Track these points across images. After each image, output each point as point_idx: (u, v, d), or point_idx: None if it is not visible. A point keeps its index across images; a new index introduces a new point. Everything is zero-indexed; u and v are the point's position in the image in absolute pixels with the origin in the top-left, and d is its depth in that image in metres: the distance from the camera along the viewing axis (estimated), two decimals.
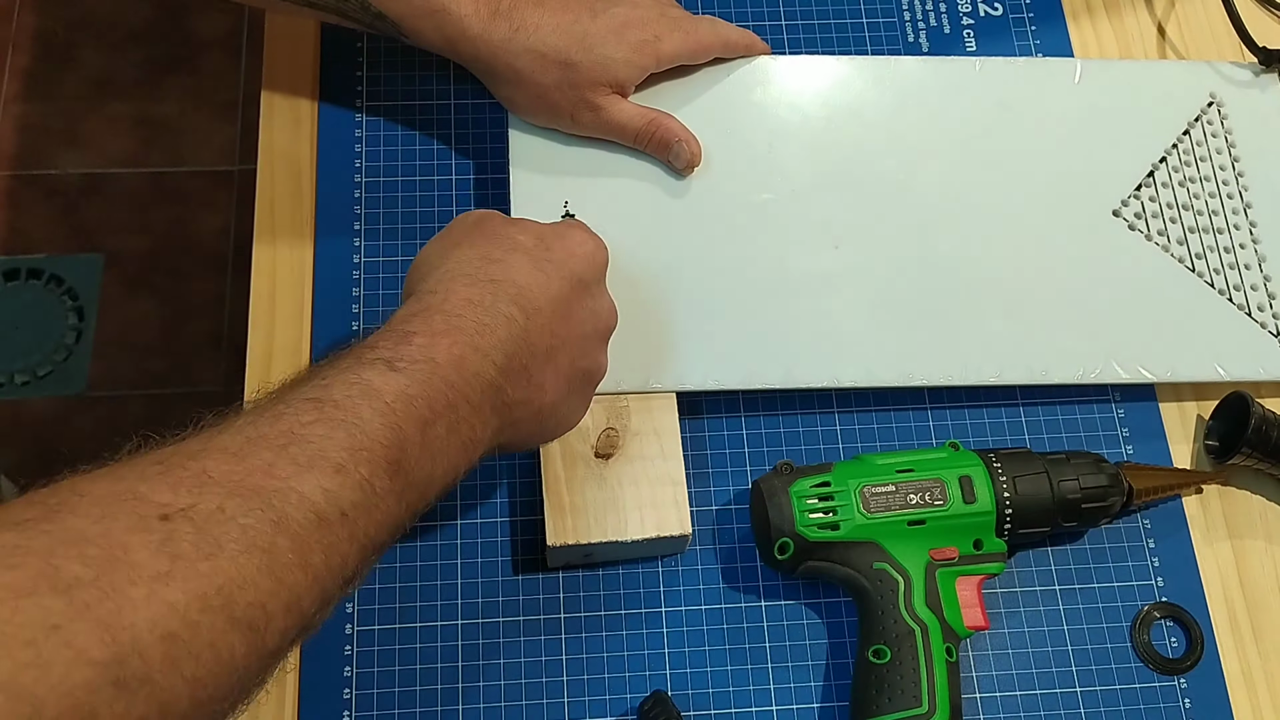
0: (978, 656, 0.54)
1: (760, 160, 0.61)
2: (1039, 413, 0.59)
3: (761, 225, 0.59)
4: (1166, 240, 0.61)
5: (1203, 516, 0.58)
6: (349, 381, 0.38)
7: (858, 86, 0.64)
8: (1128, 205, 0.62)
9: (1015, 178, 0.62)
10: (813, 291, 0.58)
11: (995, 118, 0.64)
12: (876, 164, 0.62)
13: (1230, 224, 0.62)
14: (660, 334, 0.56)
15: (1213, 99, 0.66)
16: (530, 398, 0.44)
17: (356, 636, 0.52)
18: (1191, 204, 0.62)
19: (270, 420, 0.35)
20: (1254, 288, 0.61)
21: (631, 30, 0.57)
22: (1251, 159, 0.64)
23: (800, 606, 0.54)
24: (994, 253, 0.60)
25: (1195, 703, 0.54)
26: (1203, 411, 0.60)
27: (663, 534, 0.52)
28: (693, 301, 0.57)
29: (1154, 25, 0.70)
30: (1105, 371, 0.58)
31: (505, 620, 0.53)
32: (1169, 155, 0.64)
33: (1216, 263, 0.61)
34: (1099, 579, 0.56)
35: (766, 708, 0.52)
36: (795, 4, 0.68)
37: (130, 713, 0.27)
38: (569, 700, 0.52)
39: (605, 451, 0.53)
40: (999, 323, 0.58)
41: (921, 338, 0.58)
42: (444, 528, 0.55)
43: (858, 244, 0.59)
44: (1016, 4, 0.70)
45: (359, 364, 0.39)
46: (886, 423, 0.58)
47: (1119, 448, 0.59)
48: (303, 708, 0.51)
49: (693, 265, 0.58)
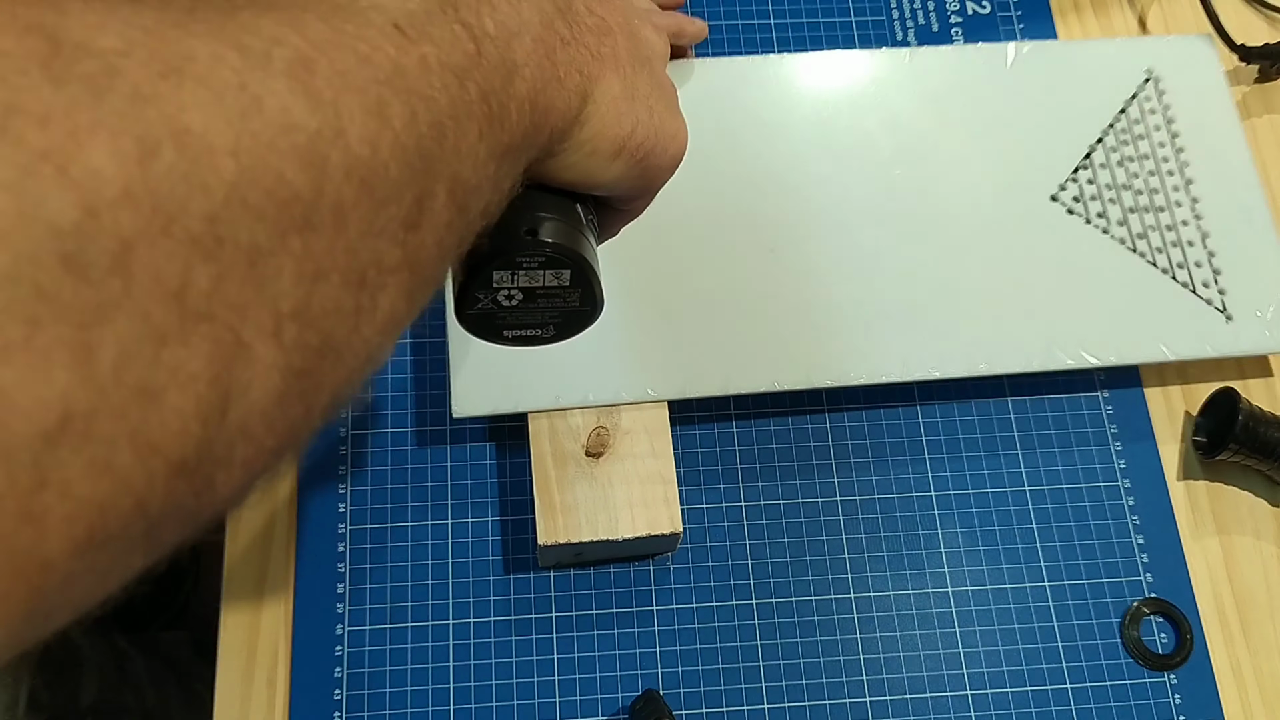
0: (968, 653, 0.54)
1: (689, 165, 0.59)
2: (1026, 407, 0.59)
3: (694, 233, 0.58)
4: (1106, 222, 0.61)
5: (1191, 512, 0.58)
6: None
7: (786, 84, 0.63)
8: (1065, 189, 0.61)
9: (950, 169, 0.61)
10: (749, 298, 0.57)
11: (928, 108, 0.63)
12: (808, 163, 0.61)
13: (1171, 201, 0.61)
14: (596, 347, 0.54)
15: (1149, 75, 0.65)
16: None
17: (347, 637, 0.52)
18: (1131, 183, 0.62)
19: None
20: (1198, 264, 0.60)
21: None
22: (1191, 133, 0.63)
23: (791, 604, 0.54)
24: (930, 246, 0.59)
25: (1185, 698, 0.54)
26: (1190, 404, 0.60)
27: (654, 532, 0.52)
28: (629, 314, 0.56)
29: (1140, 22, 0.71)
30: (1049, 359, 0.57)
31: (496, 619, 0.53)
32: (1106, 135, 0.63)
33: (1159, 241, 0.60)
34: (1088, 575, 0.56)
35: (758, 706, 0.52)
36: (783, 3, 0.68)
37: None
38: (560, 699, 0.52)
39: (596, 450, 0.53)
40: (937, 317, 0.58)
41: (857, 336, 0.57)
42: (434, 527, 0.55)
43: (793, 247, 0.58)
44: (1004, 2, 0.70)
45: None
46: (876, 420, 0.59)
47: (1107, 443, 0.59)
48: (293, 708, 0.51)
49: (628, 277, 0.57)
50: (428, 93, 0.24)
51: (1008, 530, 0.57)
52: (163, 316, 0.18)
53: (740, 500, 0.56)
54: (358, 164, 0.21)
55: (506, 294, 0.34)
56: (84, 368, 0.16)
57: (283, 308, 0.20)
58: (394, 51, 0.23)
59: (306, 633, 0.52)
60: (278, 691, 0.51)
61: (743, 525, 0.56)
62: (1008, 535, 0.57)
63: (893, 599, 0.55)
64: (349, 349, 0.23)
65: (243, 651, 0.52)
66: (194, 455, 0.19)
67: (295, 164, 0.20)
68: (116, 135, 0.17)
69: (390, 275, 0.23)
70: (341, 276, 0.22)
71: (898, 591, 0.55)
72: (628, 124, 0.33)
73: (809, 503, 0.56)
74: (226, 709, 0.51)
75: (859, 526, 0.56)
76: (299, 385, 0.21)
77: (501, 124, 0.27)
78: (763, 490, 0.57)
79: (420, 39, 0.24)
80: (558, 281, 0.34)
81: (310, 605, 0.53)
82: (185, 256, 0.18)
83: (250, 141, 0.19)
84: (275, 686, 0.51)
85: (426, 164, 0.24)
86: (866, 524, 0.56)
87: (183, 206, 0.18)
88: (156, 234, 0.17)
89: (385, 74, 0.23)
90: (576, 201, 0.35)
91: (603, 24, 0.33)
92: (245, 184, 0.19)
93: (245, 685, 0.51)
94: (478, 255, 0.33)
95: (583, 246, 0.34)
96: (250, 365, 0.20)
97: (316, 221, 0.21)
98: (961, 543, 0.56)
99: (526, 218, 0.33)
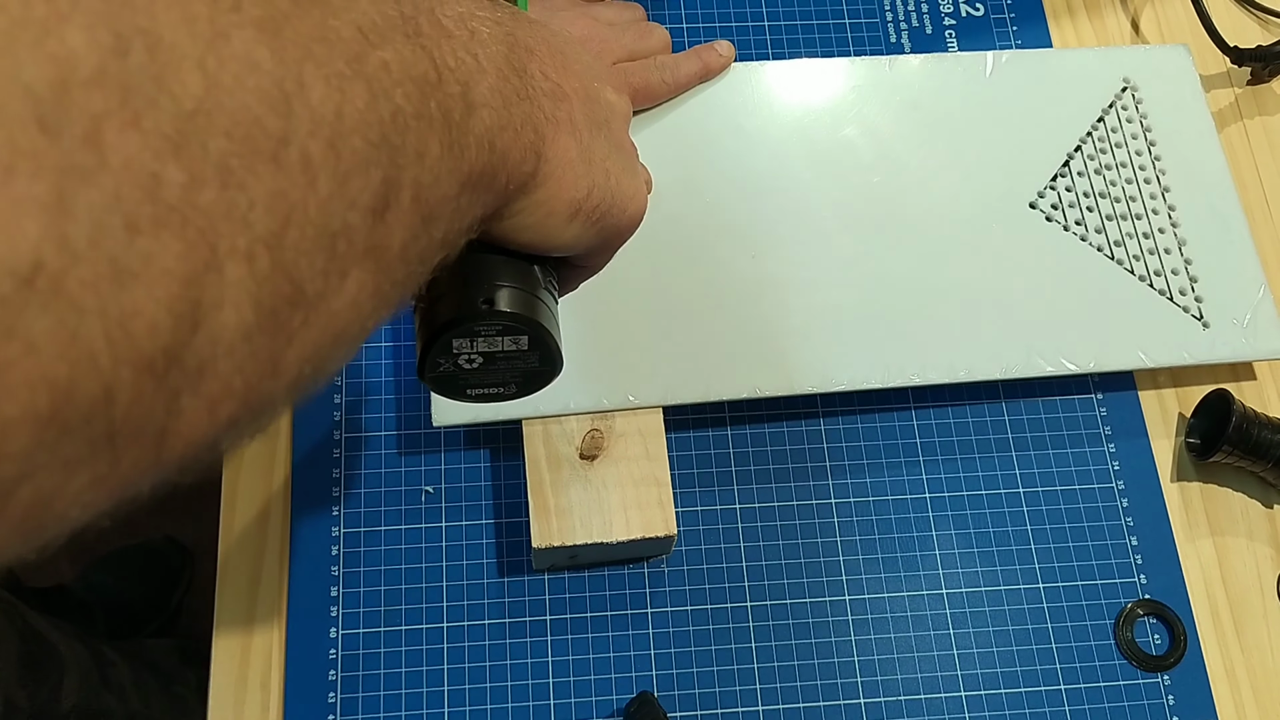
0: (962, 655, 0.54)
1: (673, 172, 0.59)
2: (1021, 409, 0.59)
3: (674, 240, 0.58)
4: (1084, 229, 0.61)
5: (1185, 513, 0.58)
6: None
7: (766, 91, 0.63)
8: (1044, 196, 0.61)
9: (929, 176, 0.61)
10: (730, 303, 0.57)
11: (908, 116, 0.63)
12: (788, 170, 0.61)
13: (1149, 209, 0.62)
14: (578, 355, 0.53)
15: (1126, 84, 0.65)
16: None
17: (342, 640, 0.52)
18: (1109, 191, 0.62)
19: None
20: (1175, 272, 0.60)
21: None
22: (1168, 141, 0.63)
23: (785, 606, 0.54)
24: (909, 252, 0.59)
25: (1178, 699, 0.54)
26: (1184, 406, 0.60)
27: (648, 535, 0.52)
28: (610, 321, 0.56)
29: (1132, 24, 0.71)
30: (1028, 365, 0.57)
31: (491, 622, 0.53)
32: (1084, 143, 0.63)
33: (1136, 249, 0.61)
34: (1082, 576, 0.56)
35: (753, 708, 0.52)
36: (778, 4, 0.68)
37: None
38: (555, 702, 0.52)
39: (590, 453, 0.53)
40: (917, 323, 0.58)
41: (838, 343, 0.57)
42: (429, 530, 0.54)
43: (774, 252, 0.58)
44: (998, 4, 0.70)
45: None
46: (871, 422, 0.59)
47: (1101, 445, 0.59)
48: (287, 712, 0.51)
49: (608, 284, 0.56)
50: (388, 88, 0.25)
51: (1002, 532, 0.57)
52: (135, 202, 0.18)
53: (735, 504, 0.56)
54: (322, 123, 0.22)
55: (467, 358, 0.35)
56: (57, 227, 0.17)
57: (256, 230, 0.21)
58: (355, 46, 0.24)
59: (300, 636, 0.52)
60: (271, 695, 0.51)
61: (737, 528, 0.56)
62: (1001, 537, 0.57)
63: (887, 600, 0.55)
64: (317, 313, 0.23)
65: (236, 655, 0.52)
66: (163, 357, 0.19)
67: (259, 100, 0.21)
68: (93, 25, 0.18)
69: (359, 257, 0.24)
70: (315, 230, 0.22)
71: (892, 593, 0.55)
72: (584, 186, 0.34)
73: (804, 505, 0.57)
74: (220, 713, 0.51)
75: (853, 528, 0.56)
76: (270, 326, 0.22)
77: (462, 151, 0.28)
78: (757, 493, 0.57)
79: (382, 44, 0.25)
80: (516, 346, 0.35)
81: (304, 608, 0.53)
82: (156, 149, 0.19)
83: (216, 67, 0.20)
84: (269, 690, 0.51)
85: (391, 153, 0.25)
86: (861, 525, 0.56)
87: (152, 103, 0.19)
88: (127, 122, 0.18)
89: (345, 57, 0.24)
90: (535, 263, 0.36)
91: (558, 89, 0.34)
92: (212, 102, 0.20)
93: (239, 689, 0.51)
94: (436, 324, 0.34)
95: (539, 311, 0.35)
96: (222, 281, 0.20)
97: (285, 162, 0.21)
98: (956, 544, 0.56)
99: (484, 287, 0.34)
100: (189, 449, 0.21)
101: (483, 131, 0.29)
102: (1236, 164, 0.67)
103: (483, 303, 0.34)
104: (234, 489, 0.55)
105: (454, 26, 0.29)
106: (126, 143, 0.18)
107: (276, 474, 0.55)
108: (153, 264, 0.19)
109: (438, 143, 0.27)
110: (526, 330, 0.35)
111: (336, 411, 0.56)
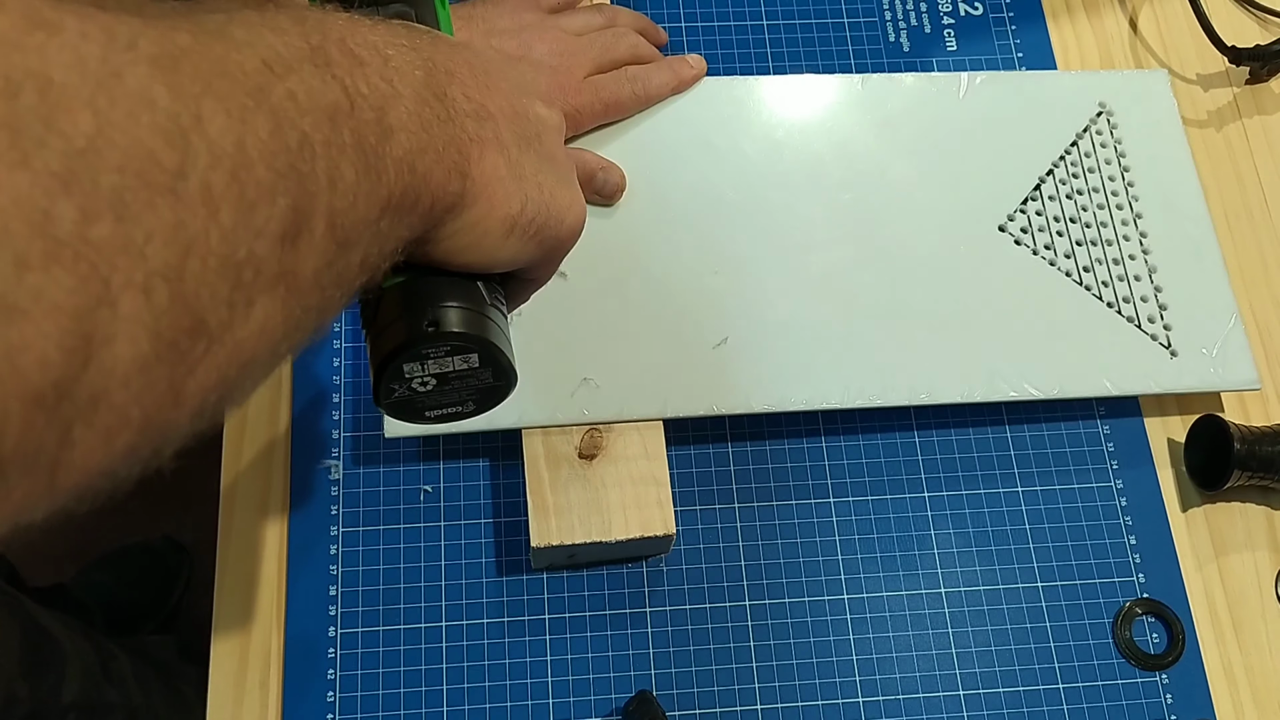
0: (960, 653, 0.54)
1: (637, 184, 0.59)
2: (1024, 429, 0.59)
3: (635, 253, 0.57)
4: (1054, 253, 0.60)
5: (1183, 513, 0.58)
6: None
7: (737, 106, 0.62)
8: (1014, 219, 0.61)
9: (899, 195, 0.61)
10: (690, 320, 0.56)
11: (879, 135, 0.62)
12: (756, 186, 0.60)
13: (1120, 235, 0.61)
14: (531, 368, 0.52)
15: (1102, 108, 0.64)
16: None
17: (340, 639, 0.52)
18: (1080, 216, 0.61)
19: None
20: (1144, 299, 0.59)
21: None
22: (1142, 168, 0.63)
23: (784, 605, 0.54)
24: (876, 272, 0.58)
25: (1176, 698, 0.54)
26: (1185, 413, 0.60)
27: (647, 534, 0.52)
28: (568, 334, 0.55)
29: (1131, 23, 0.71)
30: (991, 390, 0.56)
31: (490, 621, 0.53)
32: (1056, 167, 0.62)
33: (1105, 275, 0.60)
34: (1080, 575, 0.56)
35: (751, 707, 0.52)
36: (777, 4, 0.68)
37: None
38: (554, 701, 0.52)
39: (589, 452, 0.53)
40: (880, 343, 0.57)
41: (799, 361, 0.56)
42: (428, 529, 0.54)
43: (736, 269, 0.58)
44: (996, 3, 0.70)
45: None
46: (872, 439, 0.59)
47: (1104, 462, 0.59)
48: (286, 710, 0.51)
49: (566, 297, 0.56)
50: (294, 118, 0.25)
51: (1000, 531, 0.57)
52: (24, 239, 0.19)
53: (734, 503, 0.56)
54: (223, 155, 0.23)
55: (420, 381, 0.36)
56: None
57: (153, 263, 0.21)
58: (259, 78, 0.25)
59: (299, 635, 0.52)
60: (270, 694, 0.51)
61: (736, 527, 0.56)
62: (1000, 536, 0.57)
63: (885, 599, 0.55)
64: (221, 344, 0.23)
65: (235, 654, 0.52)
66: (53, 390, 0.19)
67: (154, 135, 0.21)
68: None
69: (268, 285, 0.24)
70: (219, 260, 0.23)
71: (891, 592, 0.55)
72: (516, 202, 0.34)
73: (803, 504, 0.56)
74: (219, 711, 0.51)
75: (852, 528, 0.56)
76: (168, 357, 0.22)
77: (379, 176, 0.28)
78: (756, 493, 0.57)
79: (287, 75, 0.26)
80: (467, 364, 0.36)
81: (303, 607, 0.53)
82: (46, 187, 0.19)
83: (107, 105, 0.20)
84: (268, 689, 0.51)
85: (300, 181, 0.25)
86: (860, 524, 0.56)
87: (41, 142, 0.19)
88: (15, 163, 0.19)
89: (247, 89, 0.24)
90: (479, 280, 0.36)
91: (482, 109, 0.34)
92: (103, 140, 0.20)
93: (238, 688, 0.51)
94: (385, 350, 0.34)
95: (486, 328, 0.35)
96: (116, 316, 0.20)
97: (184, 194, 0.22)
98: (955, 543, 0.56)
99: (429, 310, 0.34)
100: (84, 478, 0.22)
101: (401, 155, 0.29)
102: (1235, 163, 0.67)
103: (428, 325, 0.34)
104: (233, 489, 0.55)
105: (366, 54, 0.29)
106: (15, 181, 0.18)
107: (275, 474, 0.55)
108: (42, 299, 0.19)
109: (352, 168, 0.27)
110: (475, 348, 0.35)
111: (335, 411, 0.56)
